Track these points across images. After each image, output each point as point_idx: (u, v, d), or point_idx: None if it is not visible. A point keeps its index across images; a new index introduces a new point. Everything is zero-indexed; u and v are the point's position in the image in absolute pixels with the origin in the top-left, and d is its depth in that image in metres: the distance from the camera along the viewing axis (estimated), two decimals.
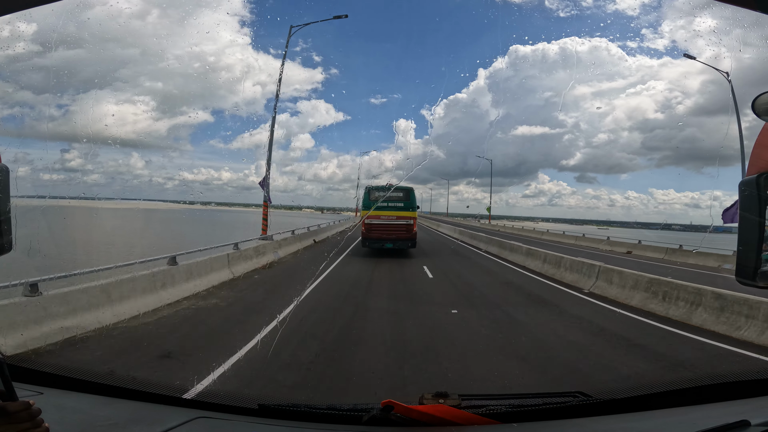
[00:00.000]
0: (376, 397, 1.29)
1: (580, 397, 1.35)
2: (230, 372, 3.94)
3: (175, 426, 1.09)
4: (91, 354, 4.35)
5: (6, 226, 1.23)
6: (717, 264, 15.00)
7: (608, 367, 4.54)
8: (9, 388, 0.78)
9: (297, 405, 1.27)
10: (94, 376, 1.37)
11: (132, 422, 1.16)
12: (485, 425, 1.20)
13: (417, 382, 3.89)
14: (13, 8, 1.14)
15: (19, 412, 0.76)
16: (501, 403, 1.29)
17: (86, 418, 1.16)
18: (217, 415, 1.22)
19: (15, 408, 0.76)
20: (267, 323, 5.60)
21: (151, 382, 1.39)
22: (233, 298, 7.25)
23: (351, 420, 1.22)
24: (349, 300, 7.62)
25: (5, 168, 1.22)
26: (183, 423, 1.11)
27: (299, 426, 1.21)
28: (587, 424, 1.26)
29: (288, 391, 3.61)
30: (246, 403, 1.27)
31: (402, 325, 5.96)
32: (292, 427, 1.21)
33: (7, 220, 1.23)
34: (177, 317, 5.92)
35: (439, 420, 1.17)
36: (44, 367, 1.37)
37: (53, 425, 0.80)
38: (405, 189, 15.50)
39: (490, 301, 8.04)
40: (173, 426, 1.09)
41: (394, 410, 1.17)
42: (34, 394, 1.19)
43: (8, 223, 1.24)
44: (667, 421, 1.25)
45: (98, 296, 5.33)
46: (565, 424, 1.26)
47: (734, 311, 5.88)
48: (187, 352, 4.55)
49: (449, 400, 1.25)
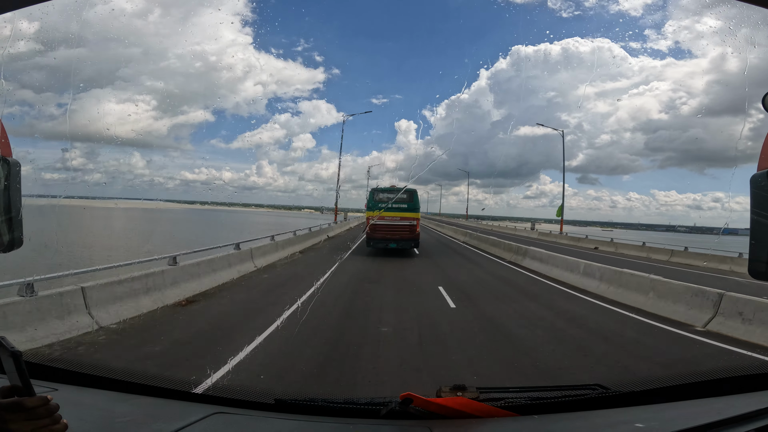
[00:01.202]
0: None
1: (598, 389, 1.34)
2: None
3: (193, 422, 1.08)
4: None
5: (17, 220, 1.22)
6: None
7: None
8: (26, 384, 0.76)
9: (314, 399, 1.26)
10: (109, 372, 1.35)
11: (150, 418, 1.15)
12: (504, 417, 1.19)
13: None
14: (15, 5, 1.13)
15: (38, 407, 0.75)
16: (520, 395, 1.29)
17: (104, 414, 1.15)
18: (233, 410, 1.21)
19: (33, 403, 0.75)
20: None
21: (167, 378, 1.38)
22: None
23: (369, 414, 1.21)
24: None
25: (16, 162, 1.21)
26: (201, 419, 1.10)
27: (316, 420, 1.20)
28: (606, 416, 1.25)
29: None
30: (262, 398, 1.26)
31: None
32: (309, 421, 1.20)
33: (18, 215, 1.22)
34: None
35: (458, 412, 1.16)
36: (58, 363, 1.36)
37: (71, 421, 0.79)
38: (409, 191, 15.90)
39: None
40: (191, 422, 1.08)
41: (413, 403, 1.16)
42: (49, 390, 1.18)
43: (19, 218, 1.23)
44: (688, 412, 1.24)
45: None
46: (584, 416, 1.25)
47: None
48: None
49: (467, 392, 1.24)
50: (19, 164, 1.21)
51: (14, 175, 1.19)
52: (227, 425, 1.15)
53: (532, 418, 1.19)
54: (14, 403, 0.74)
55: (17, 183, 1.21)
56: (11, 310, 4.33)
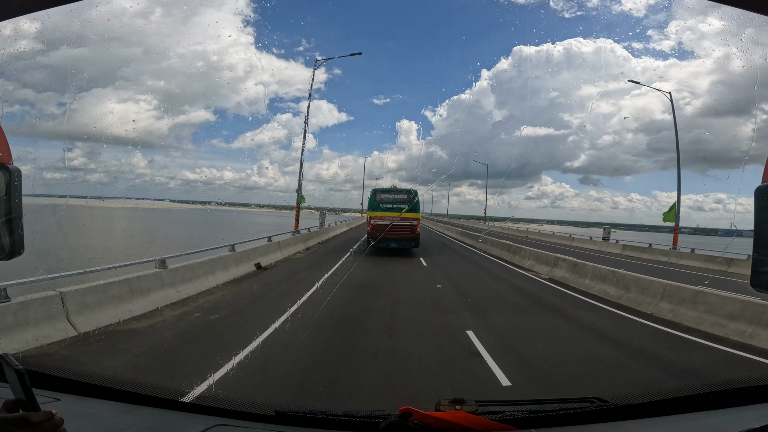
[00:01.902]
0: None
1: (596, 402, 1.34)
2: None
3: None
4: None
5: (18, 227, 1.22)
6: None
7: None
8: (31, 398, 0.76)
9: (313, 412, 1.26)
10: (111, 382, 1.36)
11: (152, 430, 1.15)
12: (502, 431, 1.19)
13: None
14: (20, 12, 1.13)
15: (42, 422, 0.75)
16: (518, 408, 1.28)
17: (106, 426, 1.15)
18: (233, 422, 1.21)
19: (38, 418, 0.75)
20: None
21: (168, 389, 1.38)
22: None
23: (368, 427, 1.21)
24: None
25: (17, 170, 1.21)
26: (202, 431, 1.11)
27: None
28: (604, 430, 1.25)
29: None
30: (262, 410, 1.27)
31: None
32: None
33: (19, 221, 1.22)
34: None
35: (456, 426, 1.17)
36: (61, 372, 1.36)
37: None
38: (409, 191, 16.07)
39: None
40: None
41: (411, 417, 1.16)
42: (51, 400, 1.19)
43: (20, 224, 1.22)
44: (685, 426, 1.24)
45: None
46: (583, 430, 1.25)
47: None
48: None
49: (466, 406, 1.24)
50: (20, 171, 1.21)
51: (14, 183, 1.19)
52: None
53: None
54: (20, 418, 0.75)
55: (18, 191, 1.21)
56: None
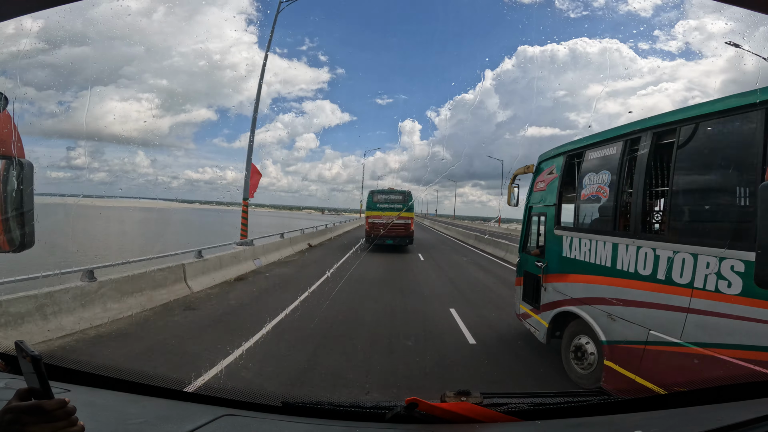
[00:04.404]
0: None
1: (600, 395, 1.36)
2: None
3: (203, 424, 1.10)
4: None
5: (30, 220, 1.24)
6: None
7: None
8: (45, 386, 0.77)
9: (320, 402, 1.28)
10: (120, 373, 1.38)
11: (162, 420, 1.17)
12: (507, 422, 1.21)
13: None
14: (24, 11, 1.15)
15: (56, 410, 0.76)
16: (522, 401, 1.30)
17: (117, 416, 1.17)
18: (242, 412, 1.23)
19: (52, 406, 0.76)
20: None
21: (177, 380, 1.40)
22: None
23: (374, 417, 1.23)
24: None
25: (30, 163, 1.23)
26: (211, 421, 1.13)
27: (323, 423, 1.22)
28: (607, 422, 1.27)
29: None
30: (270, 401, 1.28)
31: None
32: (315, 424, 1.22)
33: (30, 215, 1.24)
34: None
35: (462, 417, 1.19)
36: (71, 364, 1.38)
37: (86, 423, 0.80)
38: (403, 192, 17.38)
39: None
40: (202, 424, 1.10)
41: (417, 408, 1.18)
42: (61, 391, 1.20)
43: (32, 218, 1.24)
44: (688, 418, 1.26)
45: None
46: (586, 422, 1.27)
47: None
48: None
49: (471, 397, 1.26)
50: (33, 165, 1.23)
51: (27, 177, 1.21)
52: (236, 427, 1.17)
53: (534, 424, 1.21)
54: (33, 406, 0.76)
55: (30, 184, 1.23)
56: None
